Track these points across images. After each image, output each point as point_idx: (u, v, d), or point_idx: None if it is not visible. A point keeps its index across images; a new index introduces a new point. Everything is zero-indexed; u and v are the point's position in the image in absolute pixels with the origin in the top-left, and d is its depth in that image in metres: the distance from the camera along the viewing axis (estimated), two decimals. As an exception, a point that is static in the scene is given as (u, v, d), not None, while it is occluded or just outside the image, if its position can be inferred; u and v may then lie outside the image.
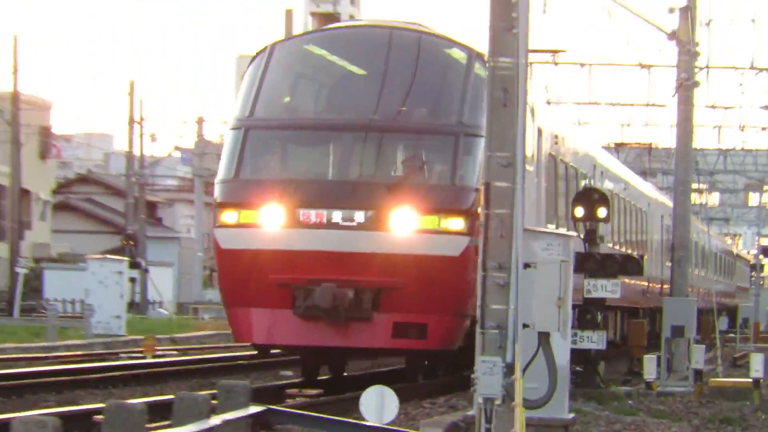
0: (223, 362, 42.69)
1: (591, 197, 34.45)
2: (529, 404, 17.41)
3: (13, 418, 8.09)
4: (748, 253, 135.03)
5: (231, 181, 28.05)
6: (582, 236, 34.17)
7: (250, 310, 27.54)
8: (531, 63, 45.39)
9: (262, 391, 26.01)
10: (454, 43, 29.74)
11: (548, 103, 65.92)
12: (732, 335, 73.51)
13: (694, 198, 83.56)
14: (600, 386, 33.67)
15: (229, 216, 27.99)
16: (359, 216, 26.89)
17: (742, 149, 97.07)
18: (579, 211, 33.97)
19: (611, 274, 33.03)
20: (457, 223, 27.22)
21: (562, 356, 19.81)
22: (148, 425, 11.39)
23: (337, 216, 27.04)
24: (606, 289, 33.15)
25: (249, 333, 28.16)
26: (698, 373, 38.32)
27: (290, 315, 26.84)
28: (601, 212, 33.57)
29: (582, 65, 75.41)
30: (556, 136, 38.47)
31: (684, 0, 45.10)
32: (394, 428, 18.50)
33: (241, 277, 27.80)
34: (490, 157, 16.71)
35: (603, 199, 34.58)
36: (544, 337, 18.49)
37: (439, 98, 30.71)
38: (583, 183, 42.61)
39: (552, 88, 76.83)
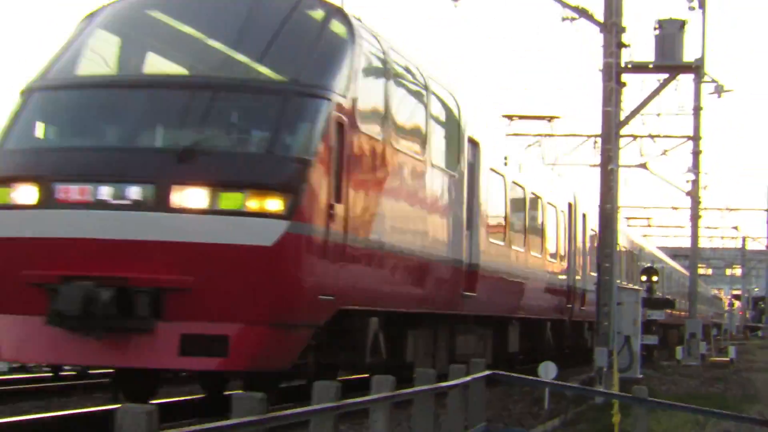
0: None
1: (650, 271, 50.10)
2: (620, 370, 26.50)
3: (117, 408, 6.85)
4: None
5: None
6: (645, 288, 47.58)
7: None
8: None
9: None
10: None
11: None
12: (719, 337, 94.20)
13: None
14: (654, 362, 47.48)
15: None
16: (134, 191, 18.32)
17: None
18: (644, 278, 49.49)
19: (659, 307, 46.43)
20: (272, 203, 18.46)
21: (636, 346, 31.60)
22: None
23: (104, 192, 18.46)
24: (656, 315, 46.02)
25: None
26: (703, 356, 54.11)
27: (41, 324, 18.03)
28: (655, 278, 49.29)
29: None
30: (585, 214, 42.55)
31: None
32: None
33: None
34: (601, 207, 29.81)
35: (655, 272, 50.84)
36: (627, 338, 30.01)
37: (275, 54, 22.32)
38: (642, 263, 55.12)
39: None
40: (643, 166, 52.67)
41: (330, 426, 11.25)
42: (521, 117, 54.65)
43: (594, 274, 34.84)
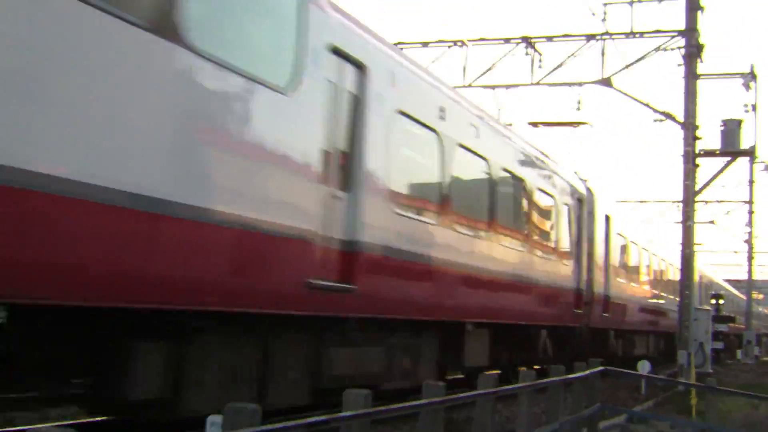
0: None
1: (717, 296, 47.92)
2: (696, 366, 26.19)
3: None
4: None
5: None
6: (714, 309, 43.85)
7: None
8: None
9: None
10: None
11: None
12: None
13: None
14: (721, 361, 44.32)
15: None
16: None
17: None
18: (713, 301, 47.26)
19: (724, 322, 42.43)
20: None
21: (707, 350, 29.13)
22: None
23: None
24: (722, 327, 41.31)
25: None
26: (756, 357, 53.57)
27: None
28: (721, 301, 46.75)
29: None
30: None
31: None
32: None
33: None
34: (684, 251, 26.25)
35: (721, 296, 47.91)
36: (701, 344, 27.86)
37: None
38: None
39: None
40: (712, 222, 52.34)
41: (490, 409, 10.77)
42: (546, 124, 47.24)
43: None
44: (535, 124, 37.11)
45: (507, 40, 26.87)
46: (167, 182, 8.60)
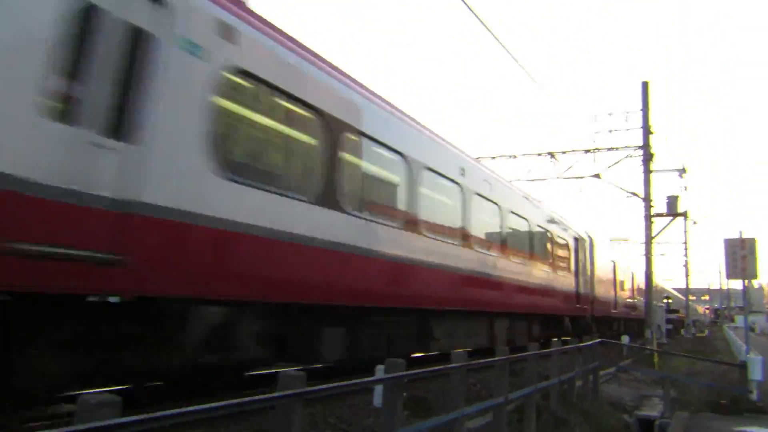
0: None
1: (668, 297, 46.64)
2: (657, 339, 25.01)
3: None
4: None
5: None
6: (665, 305, 44.39)
7: None
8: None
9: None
10: None
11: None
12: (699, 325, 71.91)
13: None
14: (671, 336, 38.59)
15: None
16: None
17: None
18: (665, 300, 45.30)
19: (672, 313, 42.73)
20: None
21: (663, 329, 30.85)
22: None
23: None
24: (672, 316, 42.37)
25: None
26: (693, 334, 48.66)
27: None
28: (670, 300, 45.55)
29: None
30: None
31: None
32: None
33: None
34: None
35: (669, 298, 47.13)
36: (659, 325, 29.11)
37: None
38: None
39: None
40: (663, 254, 51.42)
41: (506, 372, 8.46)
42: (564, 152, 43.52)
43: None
44: (552, 155, 38.51)
45: (539, 154, 27.25)
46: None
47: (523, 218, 16.47)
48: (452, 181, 12.00)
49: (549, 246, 18.99)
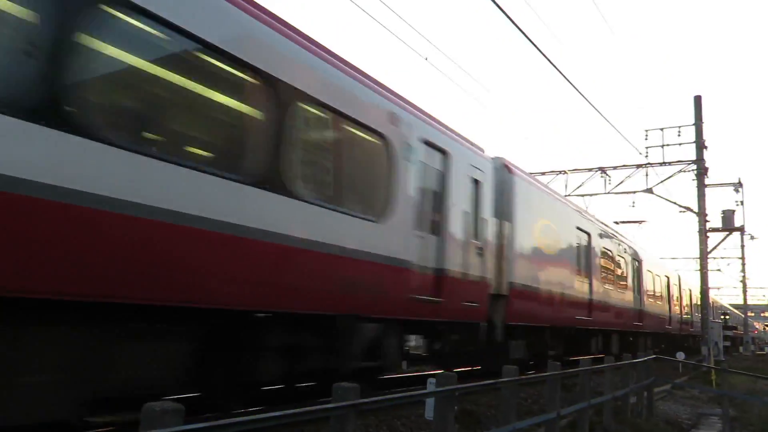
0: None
1: (725, 314, 46.11)
2: (714, 356, 23.62)
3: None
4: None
5: None
6: (723, 321, 40.78)
7: None
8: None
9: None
10: None
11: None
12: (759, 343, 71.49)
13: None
14: (729, 353, 38.15)
15: None
16: None
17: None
18: (722, 317, 44.34)
19: (729, 330, 41.97)
20: None
21: (720, 345, 28.64)
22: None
23: None
24: (729, 332, 41.15)
25: None
26: (753, 351, 48.30)
27: None
28: (727, 317, 44.77)
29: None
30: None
31: None
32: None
33: None
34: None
35: (726, 314, 45.92)
36: (716, 342, 24.80)
37: None
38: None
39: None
40: (719, 270, 49.90)
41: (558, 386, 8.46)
42: (624, 222, 41.15)
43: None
44: (617, 222, 37.55)
45: (590, 169, 26.88)
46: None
47: (620, 255, 20.48)
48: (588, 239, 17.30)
49: (625, 271, 21.49)
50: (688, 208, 25.97)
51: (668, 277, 31.06)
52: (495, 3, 7.78)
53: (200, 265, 5.69)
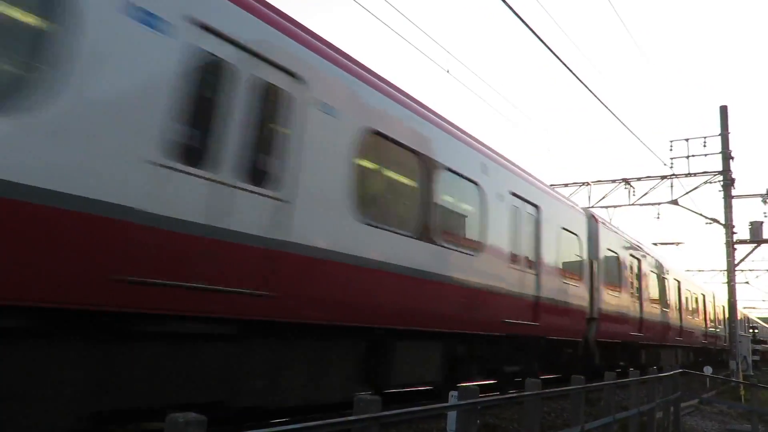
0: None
1: (753, 327, 44.48)
2: (743, 371, 24.28)
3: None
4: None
5: None
6: (752, 335, 43.43)
7: None
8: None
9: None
10: None
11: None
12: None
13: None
14: (758, 367, 37.47)
15: None
16: None
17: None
18: (751, 330, 43.20)
19: (758, 344, 40.76)
20: None
21: (749, 360, 29.36)
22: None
23: None
24: (758, 346, 39.70)
25: None
26: None
27: None
28: (756, 331, 43.20)
29: None
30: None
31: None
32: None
33: None
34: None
35: (755, 328, 44.24)
36: (745, 356, 27.77)
37: None
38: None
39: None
40: (747, 282, 49.03)
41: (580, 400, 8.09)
42: (663, 243, 39.34)
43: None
44: (655, 243, 38.00)
45: (614, 181, 26.61)
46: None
47: (663, 276, 22.14)
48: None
49: (667, 291, 22.83)
50: (715, 220, 25.89)
51: (704, 295, 31.04)
52: (512, 10, 7.76)
53: (446, 307, 8.63)
